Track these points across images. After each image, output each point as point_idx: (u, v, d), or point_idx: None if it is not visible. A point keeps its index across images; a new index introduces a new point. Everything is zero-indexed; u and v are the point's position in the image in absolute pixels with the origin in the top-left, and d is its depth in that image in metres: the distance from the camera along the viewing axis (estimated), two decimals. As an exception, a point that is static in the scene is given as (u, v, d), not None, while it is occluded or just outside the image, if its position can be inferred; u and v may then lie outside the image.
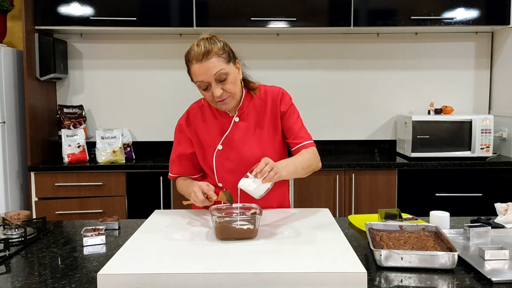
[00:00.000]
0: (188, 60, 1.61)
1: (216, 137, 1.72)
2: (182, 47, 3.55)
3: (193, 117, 1.77)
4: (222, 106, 1.64)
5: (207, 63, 1.55)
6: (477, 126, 3.15)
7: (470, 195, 3.07)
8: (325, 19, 3.20)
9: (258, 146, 1.71)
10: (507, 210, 1.65)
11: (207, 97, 1.63)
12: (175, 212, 1.75)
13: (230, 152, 1.71)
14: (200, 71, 1.56)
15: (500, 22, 3.22)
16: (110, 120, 3.60)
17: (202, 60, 1.55)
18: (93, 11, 3.15)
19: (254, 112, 1.73)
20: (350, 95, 3.62)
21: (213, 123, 1.74)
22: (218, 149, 1.72)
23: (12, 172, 3.11)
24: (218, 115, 1.74)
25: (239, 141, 1.71)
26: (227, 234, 1.36)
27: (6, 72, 3.05)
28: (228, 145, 1.71)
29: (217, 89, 1.57)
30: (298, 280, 1.11)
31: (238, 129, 1.72)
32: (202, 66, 1.55)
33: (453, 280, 1.18)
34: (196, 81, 1.60)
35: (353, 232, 1.60)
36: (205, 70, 1.55)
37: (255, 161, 1.65)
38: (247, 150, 1.71)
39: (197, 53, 1.57)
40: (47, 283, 1.17)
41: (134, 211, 3.10)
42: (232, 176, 1.70)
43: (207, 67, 1.55)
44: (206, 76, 1.56)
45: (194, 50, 1.59)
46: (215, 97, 1.58)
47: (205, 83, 1.57)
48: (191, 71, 1.61)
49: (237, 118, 1.72)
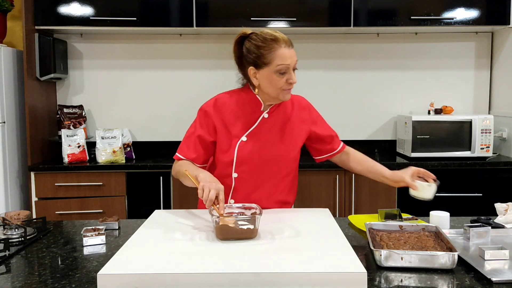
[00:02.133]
0: (276, 42, 1.65)
1: (242, 128, 1.75)
2: (182, 47, 3.60)
3: (221, 104, 1.78)
4: (286, 95, 1.70)
5: (293, 50, 1.67)
6: (477, 126, 3.15)
7: (470, 195, 3.07)
8: (325, 19, 3.20)
9: (281, 145, 1.76)
10: (507, 210, 1.65)
11: (279, 83, 1.66)
12: (175, 212, 1.75)
13: (253, 146, 1.74)
14: (289, 55, 1.64)
15: (500, 22, 3.22)
16: (110, 120, 3.60)
17: (290, 47, 1.66)
18: (93, 11, 3.15)
19: (282, 114, 1.78)
20: (350, 95, 3.62)
21: (241, 114, 1.76)
22: (242, 140, 1.74)
23: (12, 172, 3.11)
24: (248, 107, 1.76)
25: (264, 136, 1.75)
26: (227, 234, 1.36)
27: (6, 72, 3.05)
28: (253, 139, 1.74)
29: (294, 75, 1.66)
30: (298, 280, 1.11)
31: (265, 125, 1.76)
32: (291, 51, 1.65)
33: (453, 280, 1.18)
34: (280, 64, 1.63)
35: (353, 232, 1.60)
36: (293, 56, 1.66)
37: (276, 159, 1.74)
38: (270, 147, 1.74)
39: (286, 39, 1.66)
40: (47, 283, 1.17)
41: (134, 211, 3.10)
42: (249, 169, 1.74)
43: (294, 53, 1.67)
44: (292, 60, 1.65)
45: (279, 35, 1.66)
46: (289, 83, 1.66)
47: (287, 67, 1.64)
48: (276, 53, 1.64)
49: (267, 114, 1.76)
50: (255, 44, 1.67)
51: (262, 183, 1.77)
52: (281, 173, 1.78)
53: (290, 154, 1.77)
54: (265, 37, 1.66)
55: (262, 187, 1.77)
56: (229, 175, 1.76)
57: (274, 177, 1.78)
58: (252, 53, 1.67)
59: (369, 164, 1.87)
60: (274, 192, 1.79)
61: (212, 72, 3.58)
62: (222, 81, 3.58)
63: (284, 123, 1.78)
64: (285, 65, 1.63)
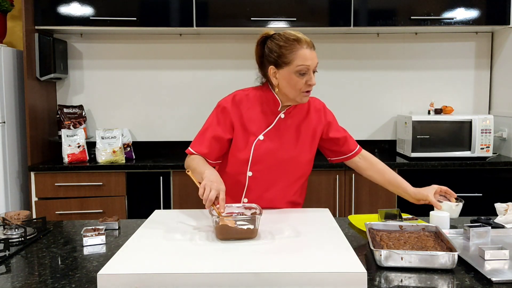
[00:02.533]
0: (297, 42, 1.66)
1: (259, 127, 1.75)
2: (182, 47, 3.60)
3: (239, 101, 1.77)
4: (305, 98, 1.71)
5: (313, 53, 1.68)
6: (477, 126, 3.15)
7: (470, 195, 3.07)
8: (325, 19, 3.20)
9: (296, 147, 1.76)
10: (507, 210, 1.65)
11: (299, 84, 1.66)
12: (175, 212, 1.75)
13: (270, 145, 1.75)
14: (310, 56, 1.65)
15: (500, 22, 3.22)
16: (110, 120, 3.60)
17: (312, 48, 1.67)
18: (93, 11, 3.15)
19: (298, 116, 1.79)
20: (350, 95, 3.62)
21: (258, 112, 1.76)
22: (259, 139, 1.74)
23: (12, 172, 3.11)
24: (266, 106, 1.76)
25: (280, 137, 1.76)
26: (227, 234, 1.36)
27: (6, 72, 3.05)
28: (270, 138, 1.75)
29: (314, 78, 1.67)
30: (298, 280, 1.11)
31: (281, 125, 1.76)
32: (312, 53, 1.67)
33: (453, 280, 1.18)
34: (300, 64, 1.64)
35: (353, 232, 1.60)
36: (314, 57, 1.67)
37: (291, 160, 1.75)
38: (286, 148, 1.75)
39: (308, 41, 1.68)
40: (47, 283, 1.17)
41: (134, 211, 3.10)
42: (263, 169, 1.75)
43: (315, 55, 1.68)
44: (313, 62, 1.66)
45: (302, 36, 1.67)
46: (309, 85, 1.66)
47: (307, 69, 1.65)
48: (297, 54, 1.64)
49: (283, 115, 1.77)
50: (277, 43, 1.68)
51: (275, 183, 1.77)
52: (295, 174, 1.79)
53: (305, 156, 1.78)
54: (287, 37, 1.67)
55: (275, 187, 1.77)
56: (243, 173, 1.76)
57: (288, 178, 1.78)
58: (273, 52, 1.68)
59: (390, 176, 1.83)
60: (287, 193, 1.80)
61: (212, 72, 3.57)
62: (222, 81, 3.58)
63: (300, 125, 1.78)
64: (305, 66, 1.64)
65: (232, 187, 1.77)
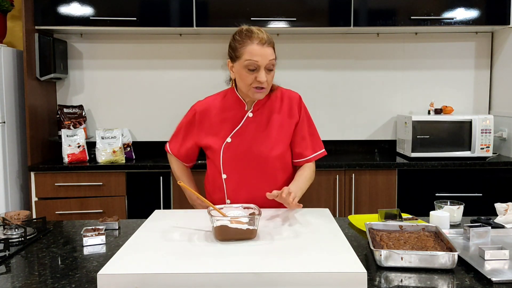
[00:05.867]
0: (248, 37, 1.65)
1: (228, 129, 1.76)
2: (182, 47, 3.60)
3: (210, 105, 1.81)
4: (256, 94, 1.69)
5: (267, 49, 1.64)
6: (477, 126, 3.15)
7: (470, 195, 3.07)
8: (325, 19, 3.20)
9: (266, 144, 1.76)
10: (507, 210, 1.65)
11: (248, 79, 1.66)
12: (175, 212, 1.75)
13: (238, 146, 1.75)
14: (259, 52, 1.63)
15: (500, 22, 3.22)
16: (110, 120, 3.60)
17: (264, 44, 1.64)
18: (93, 11, 3.15)
19: (268, 111, 1.78)
20: (350, 95, 3.62)
21: (227, 115, 1.78)
22: (227, 141, 1.76)
23: (12, 172, 3.11)
24: (233, 108, 1.77)
25: (249, 136, 1.76)
26: (226, 235, 1.36)
27: (6, 72, 3.05)
28: (238, 139, 1.75)
29: (264, 74, 1.64)
30: (298, 280, 1.11)
31: (250, 124, 1.76)
32: (263, 49, 1.63)
33: (453, 280, 1.18)
34: (248, 59, 1.63)
35: (353, 232, 1.60)
36: (264, 54, 1.63)
37: (262, 158, 1.74)
38: (255, 146, 1.75)
39: (261, 37, 1.65)
40: (47, 283, 1.17)
41: (134, 211, 3.10)
42: (237, 170, 1.76)
43: (266, 52, 1.64)
44: (262, 59, 1.63)
45: (257, 32, 1.65)
46: (259, 81, 1.64)
47: (256, 65, 1.63)
48: (246, 49, 1.64)
49: (251, 113, 1.77)
50: (234, 37, 1.71)
51: (254, 183, 1.77)
52: (272, 170, 1.78)
53: (277, 151, 1.76)
54: (242, 31, 1.68)
55: (255, 186, 1.77)
56: (219, 177, 1.78)
57: (265, 175, 1.78)
58: (230, 46, 1.71)
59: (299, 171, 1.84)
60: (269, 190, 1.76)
61: (212, 72, 3.57)
62: (222, 81, 3.58)
63: (271, 120, 1.77)
64: (252, 61, 1.63)
65: (214, 191, 1.83)
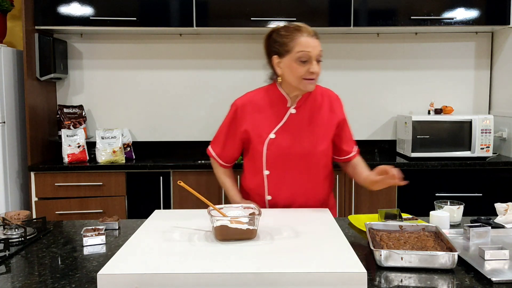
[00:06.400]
0: (297, 31, 1.68)
1: (271, 125, 1.77)
2: (182, 47, 3.60)
3: (250, 101, 1.81)
4: (308, 86, 1.71)
5: (317, 40, 1.69)
6: (477, 126, 3.15)
7: (470, 195, 3.07)
8: (325, 19, 3.20)
9: (310, 140, 1.77)
10: (507, 210, 1.65)
11: (299, 71, 1.68)
12: (175, 212, 1.75)
13: (282, 142, 1.76)
14: (310, 44, 1.67)
15: (500, 22, 3.22)
16: (110, 120, 3.60)
17: (313, 36, 1.69)
18: (93, 11, 3.15)
19: (310, 107, 1.80)
20: (350, 95, 3.62)
21: (269, 111, 1.78)
22: (271, 137, 1.76)
23: (12, 172, 3.11)
24: (275, 104, 1.78)
25: (292, 132, 1.77)
26: (226, 235, 1.36)
27: (6, 72, 3.05)
28: (281, 135, 1.76)
29: (316, 65, 1.68)
30: (298, 280, 1.11)
31: (293, 120, 1.78)
32: (313, 40, 1.68)
33: (453, 280, 1.18)
34: (300, 50, 1.66)
35: (353, 232, 1.60)
36: (315, 45, 1.68)
37: (306, 154, 1.76)
38: (299, 142, 1.76)
39: (309, 29, 1.69)
40: (47, 283, 1.17)
41: (134, 211, 3.10)
42: (279, 166, 1.77)
43: (317, 43, 1.69)
44: (314, 50, 1.67)
45: (304, 26, 1.69)
46: (310, 72, 1.67)
47: (308, 56, 1.66)
48: (297, 41, 1.67)
49: (294, 110, 1.78)
50: (279, 33, 1.72)
51: (296, 179, 1.78)
52: (315, 167, 1.80)
53: (321, 147, 1.78)
54: (288, 26, 1.71)
55: (297, 182, 1.78)
56: (260, 172, 1.79)
57: (308, 172, 1.79)
58: (276, 42, 1.72)
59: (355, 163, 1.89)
60: (310, 189, 1.81)
61: (212, 72, 3.57)
62: (222, 81, 3.58)
63: (313, 116, 1.79)
64: (305, 52, 1.65)
65: (255, 187, 1.84)
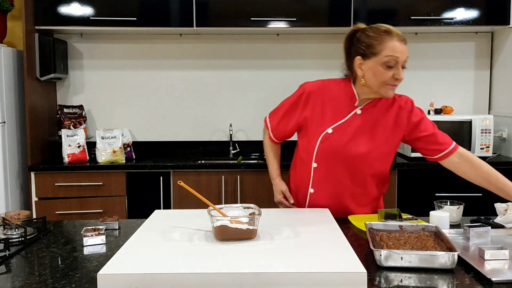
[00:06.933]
0: (388, 34, 1.64)
1: (331, 119, 1.74)
2: (182, 47, 3.60)
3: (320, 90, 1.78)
4: (389, 91, 1.67)
5: (405, 46, 1.65)
6: (477, 126, 3.15)
7: (470, 195, 3.07)
8: (325, 19, 3.20)
9: (365, 145, 1.72)
10: (507, 210, 1.65)
11: (384, 76, 1.63)
12: (175, 212, 1.75)
13: (337, 139, 1.73)
14: (400, 48, 1.62)
15: (500, 22, 3.22)
16: (110, 120, 3.60)
17: (402, 41, 1.64)
18: (93, 11, 3.15)
19: (377, 113, 1.75)
20: (350, 95, 3.62)
21: (335, 105, 1.75)
22: (327, 131, 1.73)
23: (12, 172, 3.11)
24: (343, 99, 1.75)
25: (351, 132, 1.73)
26: (226, 235, 1.36)
27: (6, 72, 3.05)
28: (339, 132, 1.73)
29: (402, 72, 1.64)
30: (298, 280, 1.11)
31: (355, 120, 1.74)
32: (403, 46, 1.64)
33: (453, 280, 1.18)
34: (389, 55, 1.62)
35: (353, 232, 1.60)
36: (404, 50, 1.63)
37: (357, 158, 1.72)
38: (354, 145, 1.72)
39: (400, 34, 1.65)
40: (47, 283, 1.17)
41: (134, 211, 3.10)
42: (329, 162, 1.74)
43: (405, 49, 1.64)
44: (402, 55, 1.62)
45: (394, 29, 1.65)
46: (395, 78, 1.63)
47: (396, 61, 1.62)
48: (387, 44, 1.62)
49: (360, 110, 1.74)
50: (367, 34, 1.66)
51: (342, 179, 1.75)
52: (363, 172, 1.75)
53: (374, 155, 1.73)
54: (378, 28, 1.66)
55: (342, 182, 1.75)
56: (309, 164, 1.76)
57: (354, 176, 1.75)
58: (362, 42, 1.67)
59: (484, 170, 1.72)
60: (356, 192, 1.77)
61: (212, 72, 3.58)
62: (222, 81, 3.58)
63: (377, 123, 1.74)
64: (393, 57, 1.61)
65: (301, 176, 1.83)
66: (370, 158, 1.73)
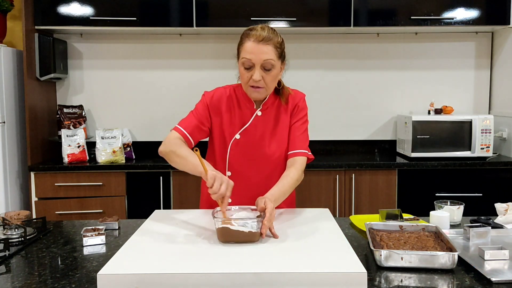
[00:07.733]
0: (247, 36, 1.64)
1: (236, 126, 1.75)
2: (182, 47, 3.60)
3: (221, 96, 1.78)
4: (253, 93, 1.67)
5: (263, 47, 1.60)
6: (477, 126, 3.15)
7: (470, 195, 3.07)
8: (325, 19, 3.20)
9: (274, 143, 1.75)
10: (507, 210, 1.65)
11: (244, 77, 1.65)
12: (175, 212, 1.74)
13: (246, 144, 1.74)
14: (253, 50, 1.60)
15: (500, 22, 3.22)
16: (110, 120, 3.60)
17: (260, 42, 1.60)
18: (93, 11, 3.15)
19: (276, 111, 1.77)
20: (350, 95, 3.62)
21: (235, 112, 1.76)
22: (236, 138, 1.75)
23: (12, 172, 3.11)
24: (242, 105, 1.76)
25: (257, 135, 1.75)
26: (229, 237, 1.35)
27: (6, 72, 3.05)
28: (246, 137, 1.75)
29: (258, 73, 1.61)
30: (298, 280, 1.11)
31: (258, 122, 1.76)
32: (258, 47, 1.60)
33: (453, 280, 1.18)
34: (243, 57, 1.63)
35: (353, 232, 1.60)
36: (258, 52, 1.60)
37: (268, 158, 1.73)
38: (262, 146, 1.75)
39: (259, 34, 1.61)
40: (47, 283, 1.17)
41: (134, 211, 3.10)
42: (243, 167, 1.75)
43: (261, 50, 1.60)
44: (256, 57, 1.60)
45: (257, 30, 1.63)
46: (253, 79, 1.62)
47: (251, 63, 1.62)
48: (243, 46, 1.63)
49: (260, 112, 1.76)
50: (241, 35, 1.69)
51: (257, 181, 1.77)
52: (276, 170, 1.77)
53: (282, 149, 1.77)
54: (247, 29, 1.67)
55: (258, 185, 1.76)
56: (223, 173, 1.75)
57: (269, 175, 1.77)
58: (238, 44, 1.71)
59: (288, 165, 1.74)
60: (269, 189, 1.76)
61: (212, 72, 3.57)
62: (222, 81, 3.57)
63: (277, 120, 1.77)
64: (246, 59, 1.62)
65: None
66: (279, 155, 1.76)
